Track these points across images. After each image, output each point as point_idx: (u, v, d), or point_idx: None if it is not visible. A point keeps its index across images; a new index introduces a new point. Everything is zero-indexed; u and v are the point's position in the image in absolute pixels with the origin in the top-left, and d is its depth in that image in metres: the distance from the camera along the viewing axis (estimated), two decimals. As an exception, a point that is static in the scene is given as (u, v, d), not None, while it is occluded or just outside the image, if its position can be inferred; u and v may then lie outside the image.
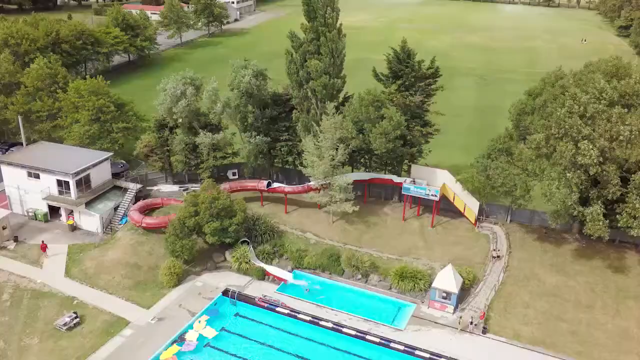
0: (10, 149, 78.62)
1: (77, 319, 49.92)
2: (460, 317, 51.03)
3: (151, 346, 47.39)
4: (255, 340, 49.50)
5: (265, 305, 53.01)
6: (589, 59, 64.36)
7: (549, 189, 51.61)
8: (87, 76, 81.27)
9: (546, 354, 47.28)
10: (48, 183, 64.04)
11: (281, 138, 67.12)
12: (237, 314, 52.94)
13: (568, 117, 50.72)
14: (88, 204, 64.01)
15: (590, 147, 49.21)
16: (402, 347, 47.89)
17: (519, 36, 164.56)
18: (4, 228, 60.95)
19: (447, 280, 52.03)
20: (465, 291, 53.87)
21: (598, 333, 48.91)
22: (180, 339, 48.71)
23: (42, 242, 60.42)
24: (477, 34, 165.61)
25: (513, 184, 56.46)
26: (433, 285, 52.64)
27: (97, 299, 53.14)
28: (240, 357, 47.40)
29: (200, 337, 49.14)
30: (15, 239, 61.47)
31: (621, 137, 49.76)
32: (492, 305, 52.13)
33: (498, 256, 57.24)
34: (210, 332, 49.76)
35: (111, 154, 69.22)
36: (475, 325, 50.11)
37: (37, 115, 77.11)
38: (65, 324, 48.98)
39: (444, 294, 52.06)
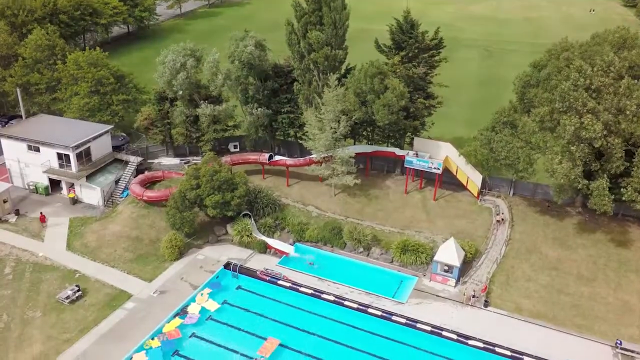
0: (10, 121, 78.02)
1: (80, 292, 50.04)
2: (466, 289, 51.04)
3: (153, 319, 47.59)
4: (257, 313, 49.63)
5: (267, 278, 53.07)
6: (595, 29, 63.18)
7: (551, 165, 51.18)
8: (86, 48, 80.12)
9: (547, 327, 47.41)
10: (48, 156, 63.71)
11: (282, 110, 66.44)
12: (239, 287, 53.03)
13: (573, 91, 49.96)
14: (89, 177, 63.78)
15: (594, 121, 48.54)
16: (403, 320, 48.03)
17: (524, 6, 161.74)
18: (5, 201, 60.84)
19: (449, 253, 51.95)
20: (467, 264, 53.87)
21: (599, 306, 48.97)
22: (182, 312, 48.88)
23: (41, 213, 60.48)
24: (480, 4, 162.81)
25: (516, 157, 56.02)
26: (435, 258, 52.58)
27: (99, 272, 53.23)
28: (242, 330, 47.57)
29: (203, 310, 49.30)
30: (17, 213, 61.39)
31: (627, 112, 49.10)
32: (493, 279, 52.14)
33: (502, 219, 57.14)
34: (212, 305, 49.89)
35: (111, 126, 68.71)
36: (477, 298, 50.19)
37: (36, 87, 76.37)
38: (67, 297, 49.10)
39: (446, 267, 52.03)
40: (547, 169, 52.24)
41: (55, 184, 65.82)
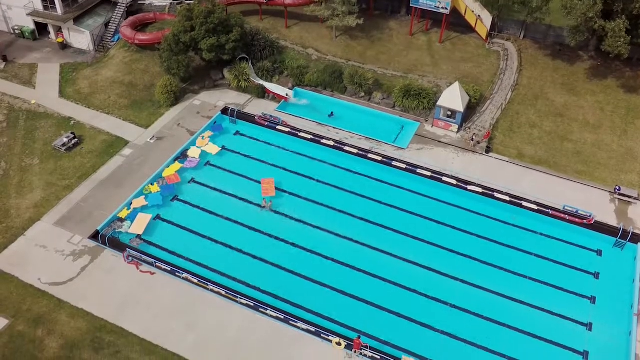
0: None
1: (76, 140, 49.29)
2: (469, 134, 50.17)
3: (152, 165, 47.32)
4: (256, 159, 49.30)
5: (266, 123, 52.05)
6: None
7: (570, 0, 47.53)
8: None
9: (548, 173, 47.12)
10: (30, -3, 59.90)
11: (279, -57, 61.10)
12: (237, 133, 52.26)
13: None
14: (77, 20, 60.43)
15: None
16: (403, 166, 47.72)
17: None
18: (-10, 46, 58.35)
19: (453, 98, 50.29)
20: (471, 110, 52.46)
21: (602, 153, 48.28)
22: (182, 156, 48.55)
23: None
24: None
25: (531, -6, 52.20)
26: (438, 103, 51.03)
27: (93, 119, 52.11)
28: (240, 176, 47.48)
29: (203, 154, 48.92)
30: (4, 59, 58.84)
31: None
32: (497, 125, 51.02)
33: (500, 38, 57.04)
34: (213, 149, 49.44)
35: (96, -37, 63.77)
36: (479, 143, 49.46)
37: None
38: (64, 145, 48.47)
39: (449, 113, 50.68)
40: (565, 5, 48.66)
41: (42, 28, 62.58)
